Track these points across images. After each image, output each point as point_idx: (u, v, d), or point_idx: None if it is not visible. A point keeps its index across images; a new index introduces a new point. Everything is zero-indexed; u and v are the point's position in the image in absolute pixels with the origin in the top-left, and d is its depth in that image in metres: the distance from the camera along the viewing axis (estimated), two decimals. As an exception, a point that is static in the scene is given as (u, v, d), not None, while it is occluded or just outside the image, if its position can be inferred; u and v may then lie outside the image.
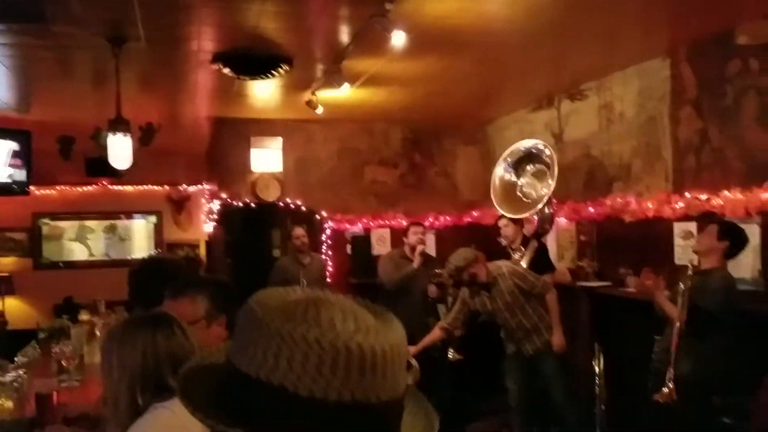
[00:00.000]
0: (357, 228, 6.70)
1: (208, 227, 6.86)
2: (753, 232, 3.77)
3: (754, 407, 2.53)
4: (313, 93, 5.16)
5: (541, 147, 4.75)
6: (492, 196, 4.90)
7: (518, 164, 4.86)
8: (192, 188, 8.27)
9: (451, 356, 4.72)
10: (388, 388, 0.66)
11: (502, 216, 4.90)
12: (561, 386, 4.24)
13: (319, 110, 5.27)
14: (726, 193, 3.91)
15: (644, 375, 3.82)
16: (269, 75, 4.46)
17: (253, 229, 7.35)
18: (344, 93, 4.65)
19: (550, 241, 5.82)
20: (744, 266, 3.83)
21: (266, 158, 6.58)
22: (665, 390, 3.22)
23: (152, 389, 1.57)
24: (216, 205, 6.62)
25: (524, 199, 4.82)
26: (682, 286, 3.36)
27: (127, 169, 4.53)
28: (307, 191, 6.59)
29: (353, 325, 0.66)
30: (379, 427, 0.66)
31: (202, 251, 7.75)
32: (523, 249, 4.84)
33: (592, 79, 5.20)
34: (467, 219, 6.95)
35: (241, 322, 0.70)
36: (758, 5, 3.61)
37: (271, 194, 6.53)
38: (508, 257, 4.82)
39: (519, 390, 4.38)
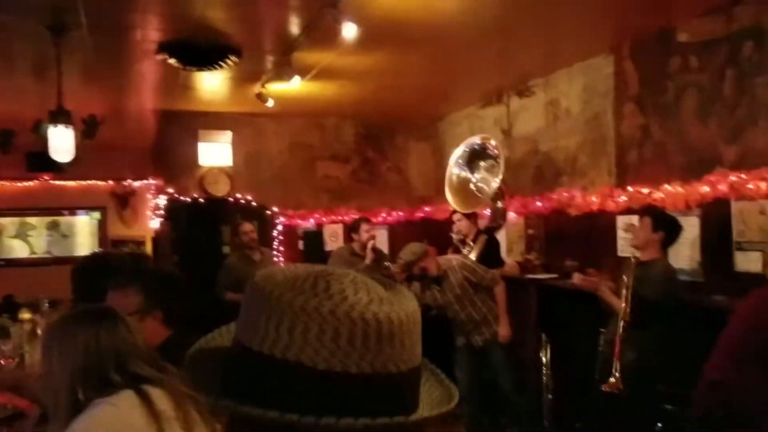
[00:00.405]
0: (309, 223, 6.65)
1: (155, 223, 6.69)
2: (692, 224, 3.92)
3: (694, 394, 2.63)
4: (263, 86, 5.10)
5: (484, 142, 4.84)
6: (446, 193, 4.96)
7: (471, 160, 4.93)
8: (137, 183, 8.06)
9: None
10: (406, 358, 0.65)
11: (456, 210, 4.96)
12: (509, 376, 4.32)
13: (270, 103, 5.20)
14: (667, 186, 4.04)
15: (590, 364, 3.92)
16: (217, 66, 4.37)
17: (202, 225, 7.19)
18: (295, 86, 4.61)
19: (501, 235, 5.92)
20: (684, 258, 3.98)
21: (215, 152, 6.46)
22: (612, 380, 3.31)
23: (94, 384, 1.53)
24: (162, 200, 6.46)
25: (477, 194, 4.90)
26: (624, 278, 3.46)
27: (70, 164, 4.38)
28: (257, 186, 6.50)
29: (366, 296, 0.64)
30: (400, 397, 0.64)
31: (149, 248, 7.55)
32: (473, 244, 4.91)
33: (539, 75, 5.31)
34: (420, 214, 7.00)
35: (248, 301, 0.68)
36: (698, 3, 3.74)
37: (220, 189, 6.42)
38: (458, 251, 4.88)
39: (468, 381, 4.43)
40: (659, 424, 3.29)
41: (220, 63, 4.34)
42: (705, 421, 2.60)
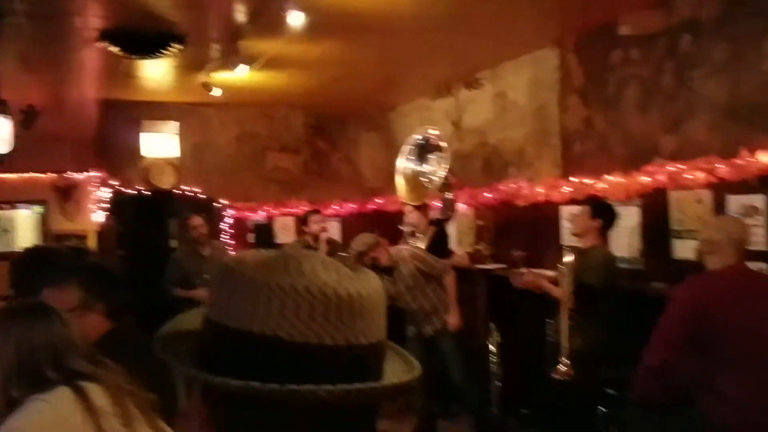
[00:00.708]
0: (259, 216, 6.57)
1: (99, 217, 6.49)
2: (633, 213, 4.05)
3: (634, 379, 2.71)
4: (208, 74, 5.00)
5: (427, 136, 4.89)
6: (396, 185, 4.98)
7: (421, 153, 4.97)
8: (80, 176, 7.79)
9: None
10: (375, 330, 0.69)
11: (407, 202, 5.00)
12: (458, 365, 4.38)
13: (216, 92, 5.10)
14: (609, 177, 4.15)
15: (537, 352, 4.02)
16: (160, 54, 4.27)
17: (148, 218, 7.01)
18: (242, 75, 4.53)
19: (451, 226, 5.98)
20: (625, 246, 4.10)
21: (160, 143, 6.31)
22: (561, 368, 3.40)
23: (29, 381, 1.49)
24: (106, 193, 6.27)
25: (427, 185, 4.94)
26: (562, 267, 3.55)
27: (8, 155, 4.22)
28: (205, 178, 6.38)
29: (335, 274, 0.68)
30: (368, 368, 0.68)
31: (93, 243, 7.32)
32: (422, 235, 4.96)
33: (486, 67, 5.37)
34: (371, 206, 7.00)
35: (220, 282, 0.70)
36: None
37: (165, 181, 6.27)
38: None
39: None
40: (601, 408, 3.38)
41: (163, 51, 4.23)
42: (644, 404, 2.69)
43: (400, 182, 4.99)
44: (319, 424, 0.66)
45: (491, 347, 4.85)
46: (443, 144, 4.83)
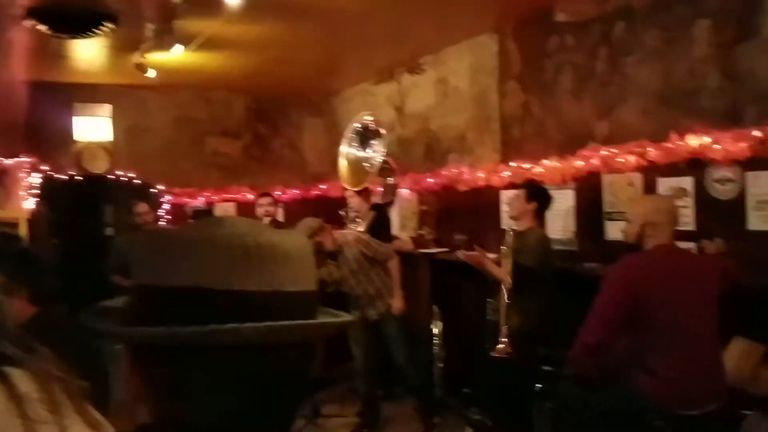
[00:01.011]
0: (199, 202, 6.42)
1: (29, 204, 6.20)
2: (568, 197, 4.16)
3: (569, 356, 2.80)
4: (143, 55, 4.82)
5: (365, 123, 4.89)
6: (339, 171, 4.95)
7: (363, 139, 4.96)
8: (8, 161, 7.41)
9: None
10: (302, 280, 0.69)
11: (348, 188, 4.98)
12: (402, 348, 4.41)
13: (151, 74, 4.94)
14: (545, 161, 4.25)
15: (478, 332, 4.10)
16: (91, 33, 4.09)
17: (82, 205, 6.74)
18: (177, 55, 4.40)
19: (395, 211, 6.01)
20: (561, 228, 4.21)
21: (93, 127, 6.07)
22: (500, 346, 3.48)
23: None
24: (37, 179, 6.00)
25: (369, 170, 4.93)
26: (504, 248, 3.63)
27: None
28: (140, 163, 6.17)
29: (258, 229, 0.69)
30: (298, 311, 0.68)
31: (24, 230, 7.00)
32: (361, 219, 4.96)
33: (428, 53, 5.39)
34: (315, 192, 6.95)
35: (146, 247, 0.70)
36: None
37: (99, 166, 6.04)
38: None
39: (364, 355, 4.49)
40: (538, 385, 3.48)
41: (95, 30, 4.06)
42: (580, 380, 2.78)
43: (342, 167, 4.97)
44: (249, 373, 0.66)
45: (434, 330, 4.91)
46: (383, 130, 4.83)
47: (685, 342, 2.54)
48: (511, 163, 4.55)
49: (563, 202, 4.19)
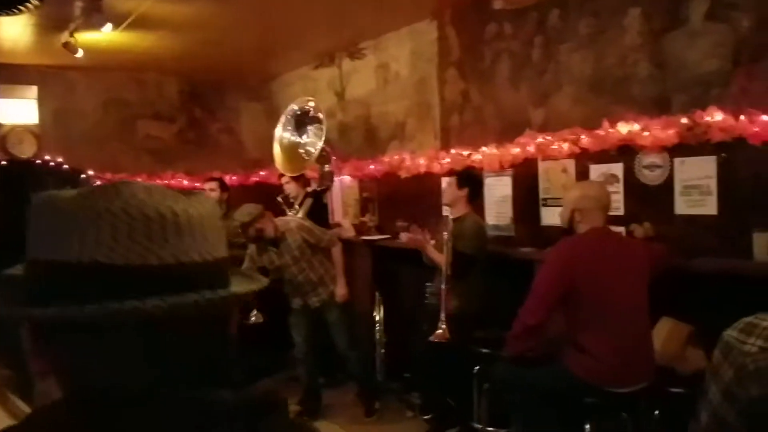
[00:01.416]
0: (132, 188, 6.19)
1: (-51, 190, 5.84)
2: (506, 183, 4.23)
3: (507, 337, 2.86)
4: (71, 34, 4.59)
5: (303, 107, 4.83)
6: (275, 156, 4.88)
7: (299, 124, 4.89)
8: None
9: (253, 319, 4.61)
10: (210, 249, 0.66)
11: (285, 174, 4.92)
12: (344, 335, 4.41)
13: (79, 54, 4.70)
14: (484, 148, 4.30)
15: (418, 317, 4.13)
16: (15, 11, 3.84)
17: (7, 190, 6.40)
18: (107, 34, 4.21)
19: (337, 199, 5.97)
20: (499, 215, 4.29)
21: (18, 109, 5.74)
22: (439, 331, 3.52)
23: None
24: (-43, 164, 5.65)
25: (305, 157, 4.88)
26: (444, 234, 3.67)
27: None
28: (69, 147, 5.90)
29: (159, 195, 0.64)
30: (205, 284, 0.64)
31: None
32: (298, 206, 4.92)
33: (369, 38, 5.35)
34: (254, 178, 6.82)
35: (35, 221, 0.66)
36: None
37: (25, 150, 5.74)
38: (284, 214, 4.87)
39: (305, 342, 4.47)
40: (477, 367, 3.54)
41: (20, 7, 3.81)
42: (516, 361, 2.84)
43: (277, 152, 4.89)
44: (160, 350, 0.63)
45: (376, 316, 4.93)
46: (319, 114, 4.78)
47: (615, 321, 2.63)
48: (451, 150, 4.59)
49: (501, 189, 4.27)
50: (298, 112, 4.87)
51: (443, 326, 3.52)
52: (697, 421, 1.36)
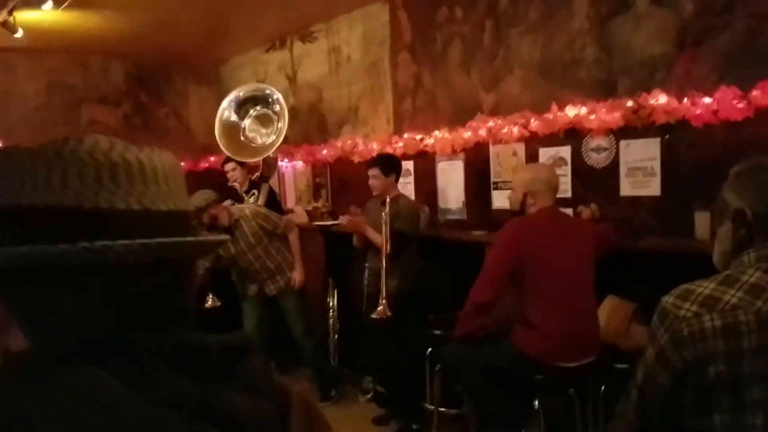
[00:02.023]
0: (75, 174, 5.98)
1: None
2: (458, 167, 4.25)
3: (458, 317, 2.88)
4: (9, 13, 4.38)
5: (271, 93, 4.74)
6: (217, 138, 4.75)
7: (242, 105, 4.79)
8: None
9: (210, 302, 4.54)
10: (175, 198, 0.66)
11: (229, 159, 4.82)
12: (300, 322, 4.37)
13: (19, 34, 4.50)
14: (436, 133, 4.32)
15: (359, 300, 4.14)
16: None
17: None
18: (49, 13, 4.03)
19: (289, 184, 5.92)
20: (452, 199, 4.31)
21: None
22: (380, 308, 3.54)
23: None
24: None
25: (249, 143, 4.78)
26: (383, 215, 3.70)
27: None
28: (9, 132, 5.62)
29: (122, 145, 0.64)
30: (172, 230, 0.64)
31: None
32: (256, 192, 4.84)
33: (320, 21, 5.28)
34: (204, 164, 6.68)
35: None
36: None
37: (-40, 134, 5.49)
38: (240, 201, 4.78)
39: (257, 329, 4.40)
40: (430, 349, 3.56)
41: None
42: (466, 339, 2.87)
43: (220, 135, 4.76)
44: (123, 297, 0.61)
45: (330, 302, 4.90)
46: (278, 103, 4.69)
47: (562, 297, 2.68)
48: (404, 135, 4.58)
49: (453, 173, 4.29)
50: (261, 95, 4.75)
51: (383, 302, 3.54)
52: (628, 395, 1.40)
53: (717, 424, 1.23)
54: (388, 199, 3.78)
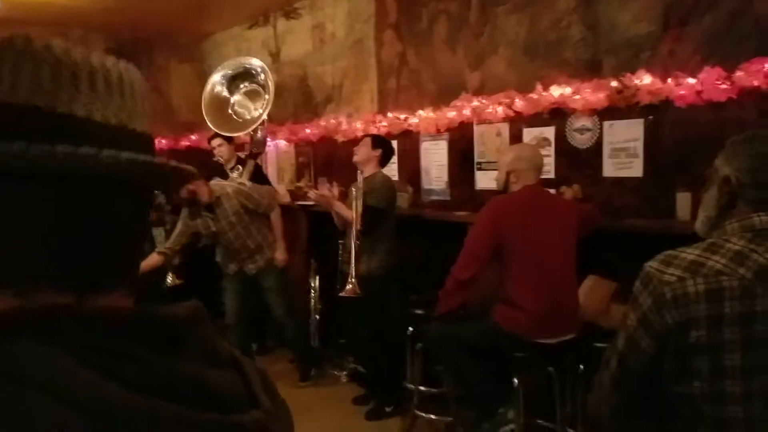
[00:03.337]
0: (53, 150, 5.86)
1: None
2: (442, 147, 4.23)
3: (440, 294, 2.88)
4: (-18, -18, 4.27)
5: (259, 67, 4.65)
6: (204, 112, 4.68)
7: (233, 80, 4.71)
8: None
9: (169, 281, 4.50)
10: (145, 122, 0.60)
11: (216, 135, 4.75)
12: (281, 301, 4.34)
13: (-8, 4, 4.39)
14: (421, 112, 4.28)
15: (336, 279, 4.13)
16: None
17: None
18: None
19: (272, 163, 5.86)
20: (435, 180, 4.29)
21: None
22: (349, 287, 3.53)
23: None
24: None
25: (236, 118, 4.71)
26: (353, 190, 3.69)
27: None
28: (-17, 106, 5.53)
29: (96, 54, 0.58)
30: (143, 149, 0.58)
31: None
32: (241, 168, 4.78)
33: (304, -3, 5.21)
34: (185, 142, 6.59)
35: None
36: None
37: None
38: (226, 178, 4.72)
39: (237, 309, 4.37)
40: (411, 328, 3.56)
41: None
42: (447, 317, 2.86)
43: (207, 109, 4.68)
44: (75, 221, 0.53)
45: (312, 282, 4.88)
46: (265, 78, 4.61)
47: (543, 274, 2.68)
48: (388, 114, 4.54)
49: (437, 153, 4.26)
50: (253, 70, 4.66)
51: (353, 281, 3.53)
52: (606, 363, 1.39)
53: (696, 391, 1.23)
54: (360, 176, 3.78)
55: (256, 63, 4.69)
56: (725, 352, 1.20)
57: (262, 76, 4.61)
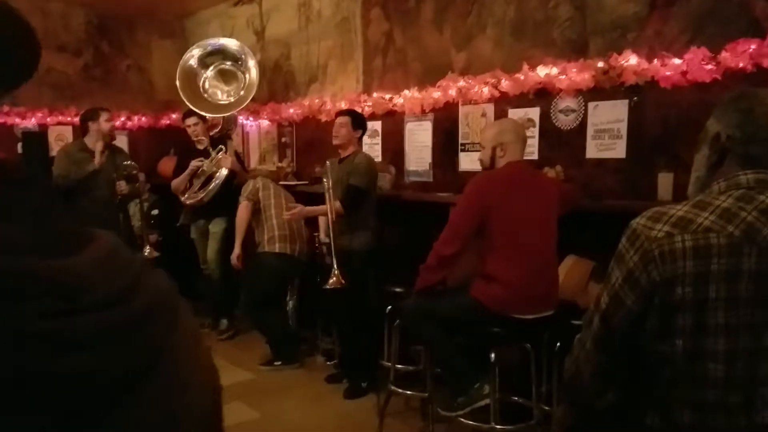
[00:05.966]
0: (29, 123, 5.74)
1: None
2: (427, 128, 4.19)
3: (420, 270, 2.85)
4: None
5: (243, 52, 4.58)
6: (178, 87, 4.56)
7: (209, 56, 4.62)
8: None
9: (147, 252, 4.49)
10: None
11: (191, 114, 4.68)
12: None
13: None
14: (406, 92, 4.24)
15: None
16: None
17: None
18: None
19: (254, 143, 5.79)
20: (419, 161, 4.25)
21: None
22: (332, 279, 3.49)
23: None
24: None
25: (207, 97, 4.60)
26: (325, 182, 3.67)
27: None
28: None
29: None
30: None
31: None
32: (224, 148, 4.72)
33: (291, -27, 5.13)
34: (165, 121, 6.49)
35: None
36: None
37: None
38: (207, 156, 4.67)
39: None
40: (389, 307, 3.53)
41: None
42: (422, 294, 2.83)
43: (179, 76, 4.58)
44: None
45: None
46: (246, 62, 4.55)
47: (524, 249, 2.66)
48: (373, 94, 4.50)
49: (422, 134, 4.23)
50: (235, 52, 4.58)
51: (336, 272, 3.49)
52: (588, 324, 1.37)
53: (678, 349, 1.22)
54: (328, 164, 3.80)
55: (238, 45, 4.62)
56: (709, 309, 1.19)
57: (244, 60, 4.56)
